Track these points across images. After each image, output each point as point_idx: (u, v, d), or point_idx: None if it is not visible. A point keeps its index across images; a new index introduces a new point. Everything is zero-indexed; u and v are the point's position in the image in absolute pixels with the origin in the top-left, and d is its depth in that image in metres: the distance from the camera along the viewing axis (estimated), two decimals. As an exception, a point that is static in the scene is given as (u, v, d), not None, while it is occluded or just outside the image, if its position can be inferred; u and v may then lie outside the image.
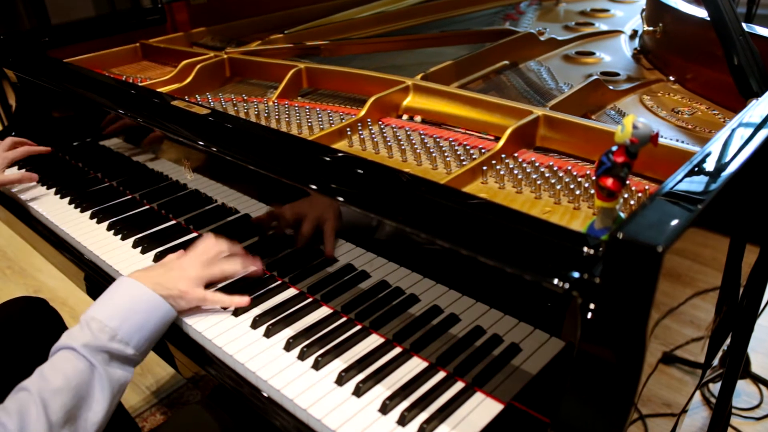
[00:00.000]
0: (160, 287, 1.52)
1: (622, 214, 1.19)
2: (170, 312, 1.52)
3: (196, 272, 1.59)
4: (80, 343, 1.37)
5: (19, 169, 2.45)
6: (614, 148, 1.13)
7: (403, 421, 1.26)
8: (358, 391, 1.33)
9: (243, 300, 1.61)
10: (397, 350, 1.44)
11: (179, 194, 2.03)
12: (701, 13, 2.07)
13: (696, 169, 1.22)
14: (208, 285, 1.64)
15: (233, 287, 1.67)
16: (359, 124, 1.89)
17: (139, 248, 1.88)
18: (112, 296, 1.49)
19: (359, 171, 1.47)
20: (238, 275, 1.69)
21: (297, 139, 1.71)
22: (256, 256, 1.72)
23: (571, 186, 1.53)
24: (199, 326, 1.56)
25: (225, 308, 1.62)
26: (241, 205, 1.81)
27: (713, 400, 2.79)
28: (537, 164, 1.64)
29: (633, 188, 1.50)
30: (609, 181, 1.12)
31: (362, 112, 1.92)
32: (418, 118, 1.97)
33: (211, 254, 1.64)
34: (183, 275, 1.57)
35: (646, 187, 1.50)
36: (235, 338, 1.52)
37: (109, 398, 1.38)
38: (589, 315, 1.06)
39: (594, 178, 1.17)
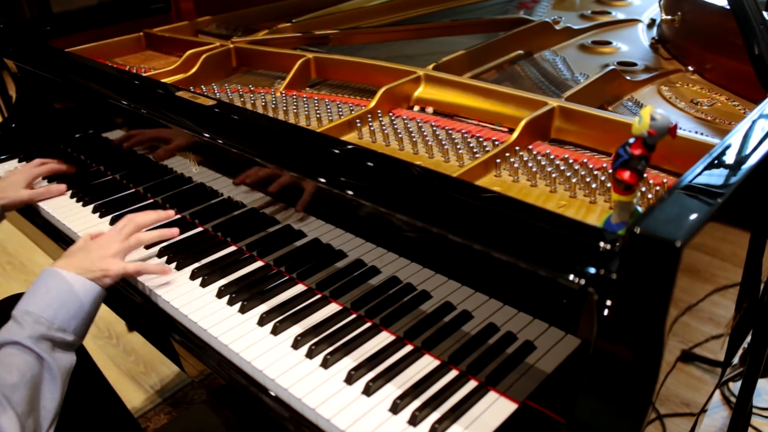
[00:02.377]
0: (84, 271, 1.59)
1: (640, 208, 1.19)
2: (100, 293, 1.60)
3: (115, 248, 1.69)
4: (23, 336, 1.42)
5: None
6: (631, 141, 1.13)
7: (414, 420, 1.26)
8: (368, 390, 1.34)
9: (165, 268, 1.76)
10: (408, 348, 1.45)
11: (184, 188, 2.04)
12: (721, 1, 2.06)
13: (715, 161, 1.22)
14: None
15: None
16: (369, 116, 1.90)
17: (144, 243, 1.88)
18: (41, 288, 1.54)
19: (369, 164, 1.47)
20: (155, 239, 1.82)
21: (305, 131, 1.72)
22: (265, 257, 1.74)
23: (587, 179, 1.53)
24: (205, 323, 1.56)
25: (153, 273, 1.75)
26: (247, 198, 1.82)
27: (733, 400, 2.79)
28: (552, 157, 1.64)
29: (651, 181, 1.50)
30: (626, 174, 1.12)
31: (372, 103, 1.92)
32: (429, 110, 1.97)
33: (128, 228, 1.75)
34: (103, 254, 1.66)
35: (665, 181, 1.50)
36: (242, 336, 1.52)
37: (60, 385, 1.44)
38: (606, 312, 1.07)
39: (611, 171, 1.17)
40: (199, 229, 1.95)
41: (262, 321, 1.55)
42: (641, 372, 1.05)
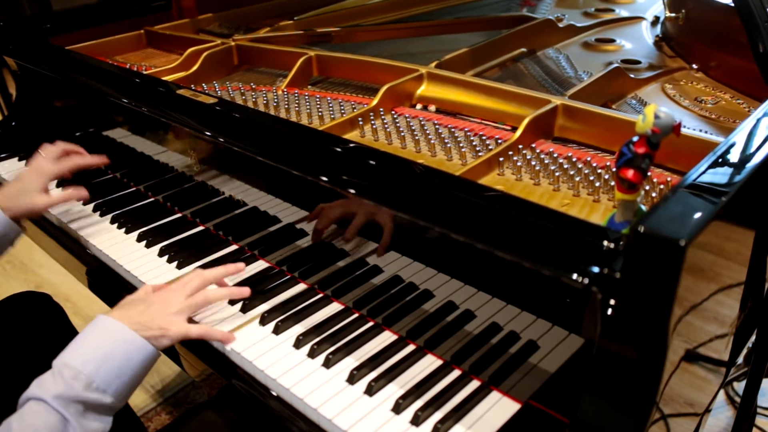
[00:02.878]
0: (140, 326, 1.41)
1: (644, 207, 1.19)
2: (152, 353, 1.42)
3: (179, 305, 1.50)
4: (52, 395, 1.28)
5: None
6: (635, 139, 1.13)
7: (416, 420, 1.26)
8: (371, 390, 1.34)
9: (229, 335, 1.53)
10: (411, 348, 1.45)
11: (185, 186, 2.04)
12: (726, -2, 2.07)
13: (720, 160, 1.22)
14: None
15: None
16: (371, 114, 1.90)
17: (144, 242, 1.89)
18: (88, 338, 1.39)
19: (371, 162, 1.47)
20: (224, 298, 1.62)
21: (307, 129, 1.72)
22: (268, 255, 1.74)
23: (591, 178, 1.53)
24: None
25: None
26: (249, 197, 1.82)
27: (738, 400, 2.78)
28: (555, 155, 1.64)
29: (654, 180, 1.50)
30: (630, 173, 1.12)
31: (374, 102, 1.92)
32: (432, 108, 1.97)
33: (194, 283, 1.55)
34: (165, 310, 1.47)
35: (668, 179, 1.50)
36: (243, 335, 1.52)
37: None
38: (610, 311, 1.07)
39: (614, 169, 1.17)
40: (200, 228, 1.95)
41: (264, 320, 1.55)
42: (645, 372, 1.05)
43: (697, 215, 1.04)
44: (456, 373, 1.37)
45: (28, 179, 1.89)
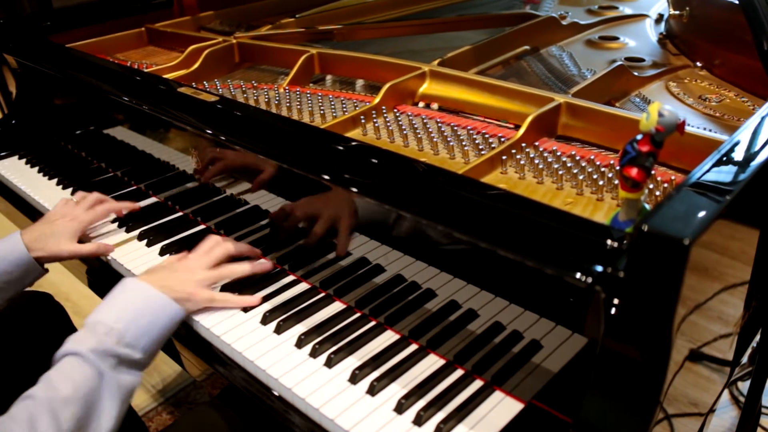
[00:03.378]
0: (167, 289, 1.49)
1: (647, 206, 1.19)
2: (179, 313, 1.50)
3: (204, 273, 1.58)
4: (87, 348, 1.33)
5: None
6: (639, 137, 1.13)
7: (419, 420, 1.26)
8: (373, 390, 1.34)
9: (253, 299, 1.60)
10: (413, 347, 1.45)
11: (186, 185, 2.04)
12: (730, -4, 2.06)
13: (724, 158, 1.22)
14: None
15: (241, 284, 1.67)
16: (374, 112, 1.90)
17: (145, 241, 1.89)
18: (118, 298, 1.46)
19: (373, 161, 1.47)
20: (247, 274, 1.66)
21: (309, 127, 1.72)
22: (270, 254, 1.73)
23: (594, 176, 1.53)
24: (207, 322, 1.56)
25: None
26: (250, 196, 1.82)
27: (742, 399, 2.79)
28: (559, 153, 1.64)
29: (658, 178, 1.50)
30: (634, 171, 1.12)
31: (377, 100, 1.92)
32: (434, 106, 1.97)
33: (217, 254, 1.63)
34: (190, 277, 1.56)
35: (672, 178, 1.50)
36: (245, 335, 1.52)
37: (119, 405, 1.36)
38: (613, 310, 1.07)
39: (618, 168, 1.17)
40: (202, 227, 1.95)
41: (266, 320, 1.55)
42: (649, 371, 1.05)
43: (702, 214, 1.04)
44: (459, 373, 1.37)
45: (61, 225, 1.84)
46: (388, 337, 1.48)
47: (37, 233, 1.79)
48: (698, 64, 2.23)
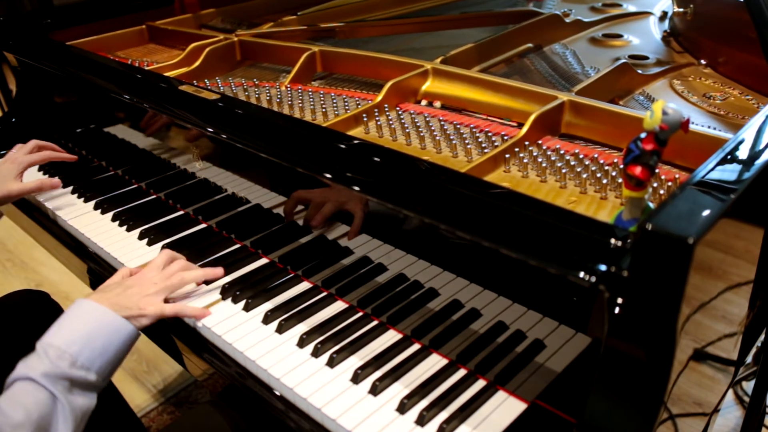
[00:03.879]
0: (119, 307, 1.48)
1: (651, 204, 1.19)
2: (133, 333, 1.49)
3: (156, 286, 1.57)
4: (39, 372, 1.33)
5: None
6: (643, 135, 1.13)
7: (421, 420, 1.26)
8: (375, 390, 1.34)
9: (205, 311, 1.60)
10: (416, 347, 1.45)
11: (187, 183, 2.04)
12: (734, -7, 2.06)
13: (728, 157, 1.22)
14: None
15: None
16: (376, 110, 1.90)
17: (146, 240, 1.89)
18: (70, 321, 1.45)
19: (376, 159, 1.47)
20: (199, 280, 1.68)
21: (311, 125, 1.72)
22: (271, 253, 1.74)
23: (598, 175, 1.53)
24: (208, 321, 1.57)
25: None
26: (252, 194, 1.82)
27: (747, 399, 2.78)
28: (562, 152, 1.64)
29: (662, 177, 1.50)
30: (637, 170, 1.12)
31: (379, 98, 1.92)
32: (437, 104, 1.97)
33: (172, 268, 1.63)
34: (142, 291, 1.55)
35: (677, 176, 1.50)
36: (246, 334, 1.53)
37: (72, 428, 1.35)
38: (617, 310, 1.07)
39: (622, 166, 1.18)
40: (203, 225, 1.95)
41: (267, 319, 1.55)
42: (653, 371, 1.05)
43: (706, 213, 1.04)
44: (461, 373, 1.37)
45: (4, 168, 2.01)
46: (391, 336, 1.48)
47: None
48: (702, 61, 2.23)
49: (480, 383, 1.35)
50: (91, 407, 1.41)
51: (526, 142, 1.66)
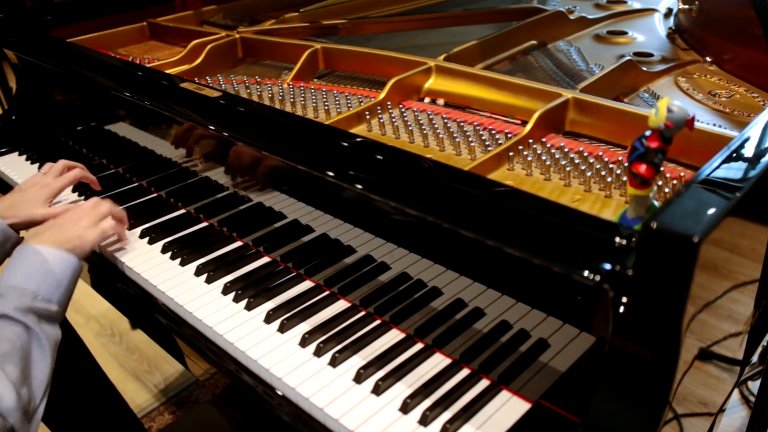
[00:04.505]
0: (60, 243, 1.60)
1: (656, 203, 1.19)
2: (78, 263, 1.62)
3: (87, 216, 1.71)
4: (10, 308, 1.42)
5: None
6: (648, 133, 1.13)
7: (424, 420, 1.26)
8: (378, 389, 1.34)
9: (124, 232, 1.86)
10: (419, 346, 1.45)
11: (189, 181, 2.04)
12: (740, -11, 2.06)
13: (734, 155, 1.22)
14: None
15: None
16: (379, 108, 1.90)
17: (147, 238, 1.89)
18: (21, 263, 1.55)
19: (379, 157, 1.47)
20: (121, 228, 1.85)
21: (313, 123, 1.72)
22: (274, 251, 1.76)
23: (603, 173, 1.53)
24: (210, 320, 1.57)
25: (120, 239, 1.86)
26: (253, 193, 1.82)
27: (752, 399, 2.79)
28: (566, 150, 1.64)
29: (667, 175, 1.49)
30: (642, 168, 1.12)
31: (382, 95, 1.92)
32: (440, 101, 1.97)
33: (101, 209, 1.77)
34: (77, 224, 1.68)
35: (682, 174, 1.50)
36: (248, 333, 1.52)
37: (50, 355, 1.46)
38: (622, 309, 1.07)
39: (626, 164, 1.18)
40: (204, 224, 1.95)
41: (269, 318, 1.55)
42: (658, 371, 1.05)
43: (711, 211, 1.04)
44: (465, 372, 1.37)
45: (33, 192, 1.93)
46: (394, 335, 1.48)
47: (9, 202, 1.91)
48: (708, 59, 2.23)
49: (483, 383, 1.35)
50: (58, 337, 1.52)
51: (530, 140, 1.66)
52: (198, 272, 1.73)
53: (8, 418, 1.29)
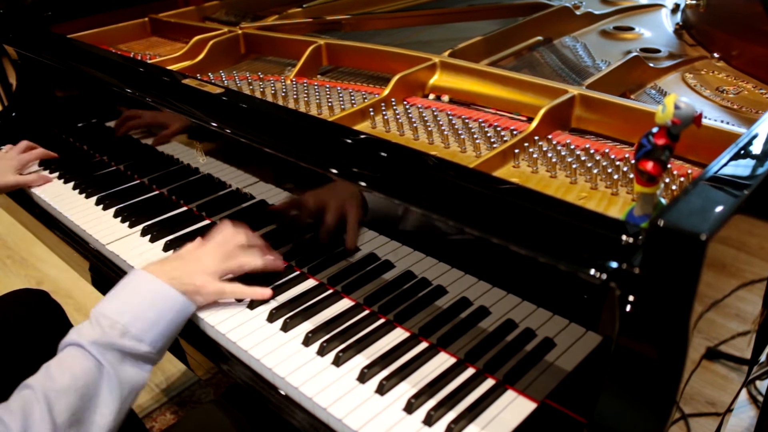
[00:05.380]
0: (175, 281, 1.50)
1: (663, 200, 1.19)
2: (188, 307, 1.51)
3: (214, 265, 1.58)
4: (89, 340, 1.36)
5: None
6: (655, 130, 1.13)
7: (429, 420, 1.26)
8: (382, 389, 1.34)
9: (265, 292, 1.61)
10: (423, 345, 1.45)
11: (190, 179, 2.05)
12: (748, -15, 2.06)
13: (742, 151, 1.22)
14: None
15: (249, 278, 1.65)
16: (383, 104, 1.90)
17: (148, 236, 1.89)
18: (124, 290, 1.48)
19: (383, 154, 1.47)
20: (258, 269, 1.66)
21: (316, 120, 1.72)
22: (276, 250, 1.73)
23: (609, 170, 1.53)
24: (212, 320, 1.57)
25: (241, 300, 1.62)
26: (256, 190, 1.82)
27: (760, 399, 2.78)
28: (572, 147, 1.64)
29: (675, 172, 1.49)
30: (649, 165, 1.12)
31: (386, 92, 1.92)
32: (445, 98, 1.97)
33: (230, 246, 1.62)
34: (200, 268, 1.56)
35: (689, 171, 1.50)
36: (251, 332, 1.53)
37: (119, 400, 1.37)
38: (628, 308, 1.07)
39: (633, 161, 1.18)
40: (207, 222, 1.96)
41: (272, 317, 1.55)
42: (665, 370, 1.06)
43: (719, 209, 1.04)
44: (470, 372, 1.37)
45: (1, 164, 2.24)
46: (398, 335, 1.49)
47: None
48: (715, 55, 2.22)
49: (488, 382, 1.35)
50: (141, 381, 1.43)
51: (536, 137, 1.65)
52: (200, 271, 1.73)
53: None
